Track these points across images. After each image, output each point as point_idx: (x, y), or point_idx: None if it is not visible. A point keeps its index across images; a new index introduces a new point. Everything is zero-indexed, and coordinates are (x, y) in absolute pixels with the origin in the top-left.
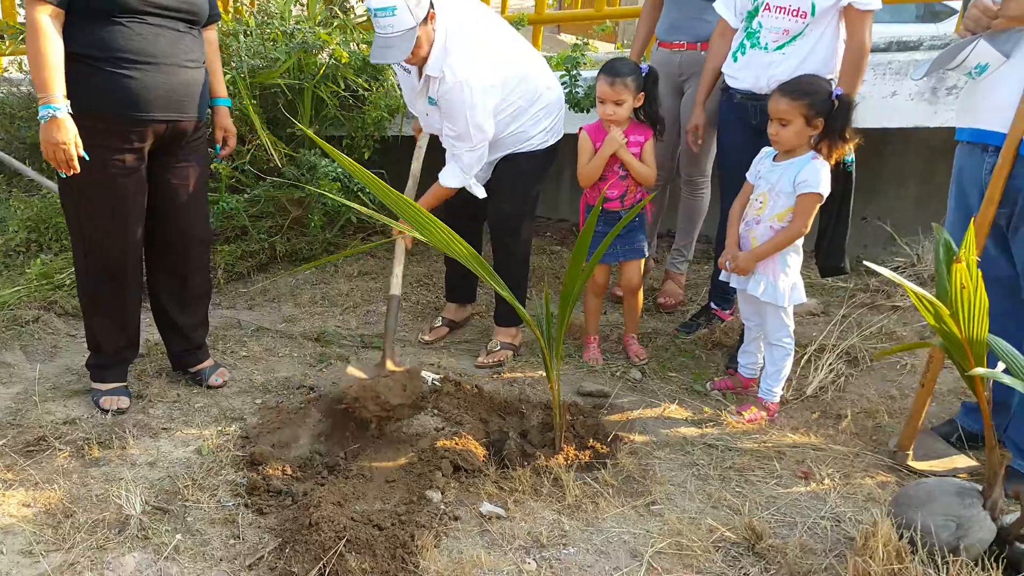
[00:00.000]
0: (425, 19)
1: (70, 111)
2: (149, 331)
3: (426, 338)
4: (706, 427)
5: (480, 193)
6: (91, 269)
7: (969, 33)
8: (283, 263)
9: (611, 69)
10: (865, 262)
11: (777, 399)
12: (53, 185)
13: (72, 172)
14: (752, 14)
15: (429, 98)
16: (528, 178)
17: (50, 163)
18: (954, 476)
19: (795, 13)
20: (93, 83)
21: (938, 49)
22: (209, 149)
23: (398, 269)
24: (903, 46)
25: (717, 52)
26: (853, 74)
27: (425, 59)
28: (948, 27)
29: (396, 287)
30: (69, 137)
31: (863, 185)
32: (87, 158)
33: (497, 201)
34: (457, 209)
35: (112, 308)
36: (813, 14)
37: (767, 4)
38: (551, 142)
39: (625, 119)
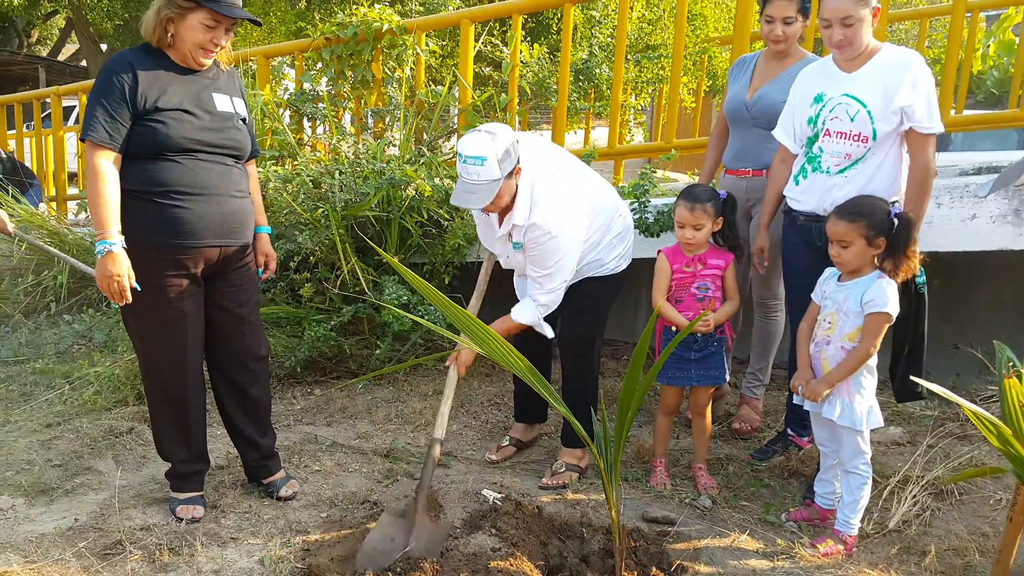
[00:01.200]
0: (511, 173)
1: (125, 245)
2: (230, 445)
3: (493, 457)
4: (778, 560)
5: (548, 333)
6: (153, 387)
7: None
8: (350, 375)
9: (691, 195)
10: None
11: (855, 532)
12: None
13: (124, 303)
14: (812, 140)
15: (515, 243)
16: (600, 301)
17: (105, 294)
18: None
19: (856, 138)
20: (149, 215)
21: None
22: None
23: (445, 408)
24: (992, 170)
25: (779, 178)
26: (919, 196)
27: (505, 208)
28: None
29: (440, 428)
30: (123, 270)
31: (953, 312)
32: (139, 289)
33: (569, 323)
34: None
35: (174, 424)
36: (875, 138)
37: (827, 130)
38: (623, 267)
39: (703, 243)
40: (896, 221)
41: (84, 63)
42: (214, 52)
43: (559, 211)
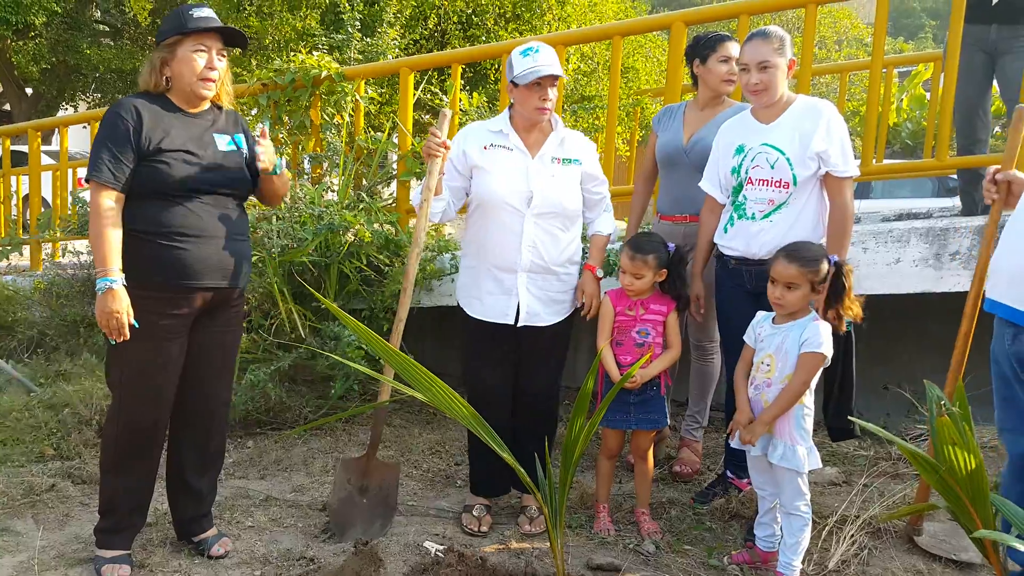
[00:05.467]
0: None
1: (125, 283)
2: (159, 500)
3: (484, 529)
4: None
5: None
6: (123, 428)
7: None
8: (285, 426)
9: (635, 245)
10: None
11: (797, 573)
12: (33, 386)
13: (122, 339)
14: (737, 188)
15: (568, 159)
16: (555, 349)
17: (103, 330)
18: None
19: (778, 184)
20: (149, 256)
21: (946, 218)
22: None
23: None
24: (912, 216)
25: (708, 227)
26: (839, 237)
27: (543, 130)
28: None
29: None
30: (122, 307)
31: (882, 354)
32: (136, 326)
33: (531, 377)
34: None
35: (136, 468)
36: (795, 184)
37: (750, 178)
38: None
39: (645, 291)
40: (834, 269)
41: (8, 107)
42: (213, 80)
43: None
